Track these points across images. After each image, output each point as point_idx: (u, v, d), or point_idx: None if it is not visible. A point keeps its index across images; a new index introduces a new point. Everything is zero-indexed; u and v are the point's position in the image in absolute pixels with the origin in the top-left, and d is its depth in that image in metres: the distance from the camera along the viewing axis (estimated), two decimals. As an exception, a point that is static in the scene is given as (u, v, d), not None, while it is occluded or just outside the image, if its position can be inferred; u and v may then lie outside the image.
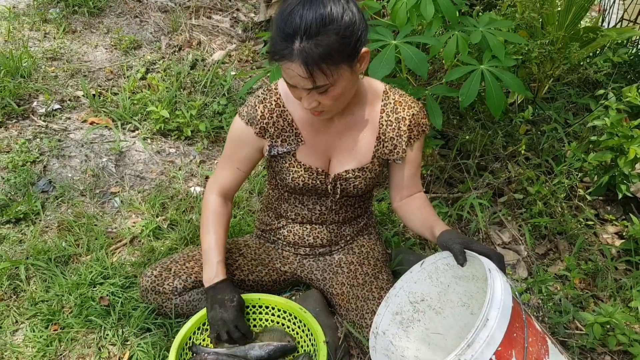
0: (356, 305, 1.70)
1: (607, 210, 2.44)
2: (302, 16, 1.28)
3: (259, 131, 1.60)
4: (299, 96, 1.43)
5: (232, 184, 1.71)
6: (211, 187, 1.71)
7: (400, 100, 1.61)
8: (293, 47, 1.29)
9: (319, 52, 1.29)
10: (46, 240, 2.09)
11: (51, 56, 3.20)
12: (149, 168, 2.56)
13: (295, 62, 1.31)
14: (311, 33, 1.28)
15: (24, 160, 2.44)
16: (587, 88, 3.04)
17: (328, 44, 1.29)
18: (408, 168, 1.67)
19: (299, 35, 1.28)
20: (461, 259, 1.37)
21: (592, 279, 2.11)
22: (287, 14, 1.30)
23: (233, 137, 1.66)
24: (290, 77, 1.36)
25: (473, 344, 1.14)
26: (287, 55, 1.31)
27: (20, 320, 1.78)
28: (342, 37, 1.31)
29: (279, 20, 1.32)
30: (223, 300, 1.58)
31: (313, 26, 1.28)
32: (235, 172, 1.68)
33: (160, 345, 1.69)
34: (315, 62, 1.30)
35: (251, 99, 1.61)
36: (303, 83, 1.35)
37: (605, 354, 1.81)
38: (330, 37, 1.29)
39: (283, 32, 1.30)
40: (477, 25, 2.12)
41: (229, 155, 1.68)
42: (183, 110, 2.81)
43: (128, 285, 1.90)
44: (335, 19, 1.29)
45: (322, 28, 1.28)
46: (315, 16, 1.28)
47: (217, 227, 1.67)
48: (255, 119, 1.59)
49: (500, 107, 1.99)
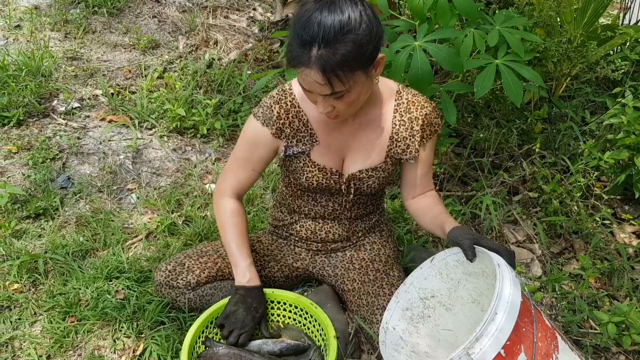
0: (367, 301, 1.71)
1: (624, 209, 2.41)
2: (320, 23, 1.28)
3: (275, 132, 1.60)
4: (314, 100, 1.43)
5: (245, 185, 1.71)
6: (224, 190, 1.71)
7: (413, 100, 1.62)
8: (311, 54, 1.30)
9: (336, 60, 1.29)
10: (64, 235, 2.13)
11: (71, 56, 3.26)
12: (165, 165, 2.60)
13: (313, 69, 1.31)
14: (329, 40, 1.28)
15: (43, 158, 2.49)
16: (605, 86, 3.00)
17: (345, 52, 1.29)
18: (420, 167, 1.67)
19: (317, 43, 1.28)
20: (470, 254, 1.37)
21: (607, 279, 2.09)
22: (304, 20, 1.30)
23: (248, 138, 1.65)
24: (307, 83, 1.36)
25: (481, 338, 1.14)
26: (304, 62, 1.31)
27: (39, 312, 1.82)
28: (360, 45, 1.31)
29: (297, 26, 1.32)
30: (251, 305, 1.60)
31: (331, 33, 1.28)
32: (250, 172, 1.68)
33: (174, 338, 1.71)
34: (332, 70, 1.30)
35: (266, 100, 1.61)
36: (320, 89, 1.35)
37: (620, 354, 1.79)
38: (347, 44, 1.29)
39: (301, 38, 1.30)
40: (494, 23, 2.11)
41: (243, 157, 1.67)
42: (199, 108, 2.84)
43: (143, 279, 1.93)
44: (354, 27, 1.29)
45: (340, 36, 1.28)
46: (333, 23, 1.28)
47: (240, 228, 1.68)
48: (271, 119, 1.59)
49: (519, 94, 1.95)
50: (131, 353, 1.70)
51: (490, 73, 1.99)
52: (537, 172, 2.36)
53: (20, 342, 1.73)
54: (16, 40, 3.35)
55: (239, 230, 1.68)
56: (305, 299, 1.70)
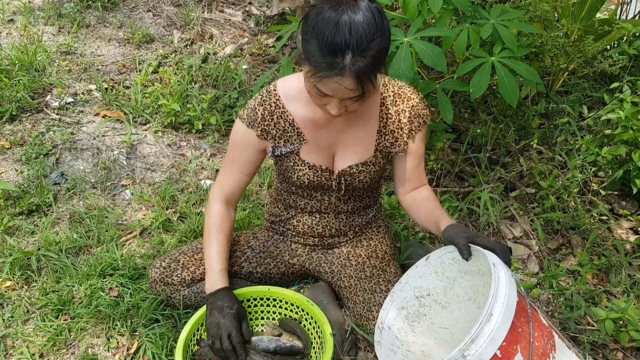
0: (363, 298, 1.70)
1: (621, 205, 2.40)
2: (351, 30, 1.25)
3: (260, 133, 1.60)
4: (325, 103, 1.40)
5: (235, 189, 1.71)
6: (215, 194, 1.71)
7: (399, 92, 1.60)
8: (344, 63, 1.27)
9: (369, 65, 1.28)
10: (57, 232, 2.12)
11: (65, 50, 3.23)
12: (159, 161, 2.58)
13: (346, 77, 1.28)
14: (361, 46, 1.26)
15: (37, 153, 2.47)
16: (603, 81, 2.99)
17: (376, 55, 1.29)
18: (411, 160, 1.66)
19: (350, 50, 1.26)
20: (466, 253, 1.35)
21: (605, 275, 2.08)
22: (332, 27, 1.26)
23: (235, 140, 1.66)
24: (332, 90, 1.33)
25: (477, 339, 1.13)
26: (336, 71, 1.28)
27: (32, 310, 1.81)
28: (385, 47, 1.31)
29: (324, 34, 1.26)
30: (222, 306, 1.58)
31: (363, 38, 1.26)
32: (239, 176, 1.68)
33: (169, 336, 1.70)
34: (365, 74, 1.29)
35: (251, 102, 1.61)
36: (347, 94, 1.33)
37: (617, 350, 1.78)
38: (375, 47, 1.28)
39: (332, 46, 1.26)
40: (489, 17, 2.09)
41: (231, 159, 1.68)
42: (194, 103, 2.82)
43: (137, 276, 1.92)
44: (380, 29, 1.28)
45: (371, 40, 1.27)
46: (363, 27, 1.26)
47: (219, 235, 1.67)
48: (256, 121, 1.59)
49: (515, 95, 1.95)
50: (125, 351, 1.68)
51: (486, 72, 1.98)
52: (535, 167, 2.35)
53: (13, 341, 1.72)
54: (9, 34, 3.31)
55: (218, 237, 1.67)
56: (302, 296, 1.70)
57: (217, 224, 1.68)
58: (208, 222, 1.69)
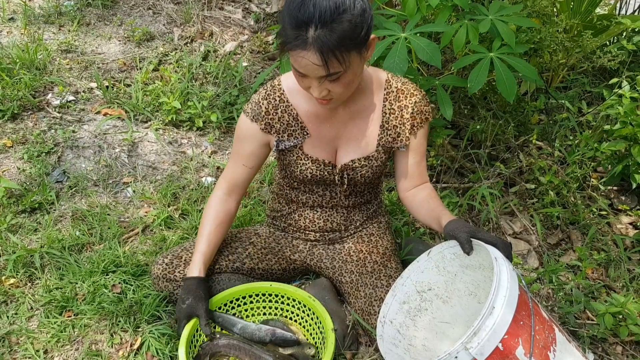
0: (365, 293, 1.71)
1: (621, 200, 2.41)
2: (316, 4, 1.28)
3: (264, 127, 1.62)
4: (307, 86, 1.43)
5: (238, 181, 1.72)
6: (219, 184, 1.75)
7: (402, 89, 1.61)
8: (307, 36, 1.29)
9: (333, 40, 1.29)
10: (60, 230, 2.13)
11: (66, 49, 3.23)
12: (161, 159, 2.59)
13: (310, 51, 1.31)
14: (326, 20, 1.28)
15: (39, 151, 2.48)
16: (602, 77, 2.99)
17: (342, 31, 1.29)
18: (412, 156, 1.67)
19: (314, 23, 1.28)
20: (467, 247, 1.37)
21: (604, 269, 2.09)
22: (299, 2, 1.30)
23: (239, 134, 1.68)
24: (302, 66, 1.36)
25: (479, 332, 1.14)
26: (300, 44, 1.31)
27: (35, 307, 1.82)
28: (355, 24, 1.31)
29: (291, 9, 1.31)
30: (181, 297, 1.61)
31: (327, 13, 1.28)
32: (242, 168, 1.70)
33: (172, 332, 1.71)
34: (330, 50, 1.30)
35: (255, 96, 1.63)
36: (316, 71, 1.35)
37: (617, 344, 1.79)
38: (343, 24, 1.29)
39: (296, 19, 1.30)
40: (488, 13, 2.10)
41: (235, 151, 1.70)
42: (195, 101, 2.82)
43: (140, 273, 1.92)
44: (349, 7, 1.30)
45: (336, 15, 1.28)
46: (329, 3, 1.28)
47: (212, 222, 1.69)
48: (260, 115, 1.61)
49: (512, 91, 1.96)
50: (128, 347, 1.69)
51: (485, 67, 1.99)
52: (534, 163, 2.36)
53: (17, 337, 1.73)
54: (10, 33, 3.32)
55: (210, 224, 1.69)
56: (303, 291, 1.71)
57: (210, 210, 1.71)
58: (205, 209, 1.73)
